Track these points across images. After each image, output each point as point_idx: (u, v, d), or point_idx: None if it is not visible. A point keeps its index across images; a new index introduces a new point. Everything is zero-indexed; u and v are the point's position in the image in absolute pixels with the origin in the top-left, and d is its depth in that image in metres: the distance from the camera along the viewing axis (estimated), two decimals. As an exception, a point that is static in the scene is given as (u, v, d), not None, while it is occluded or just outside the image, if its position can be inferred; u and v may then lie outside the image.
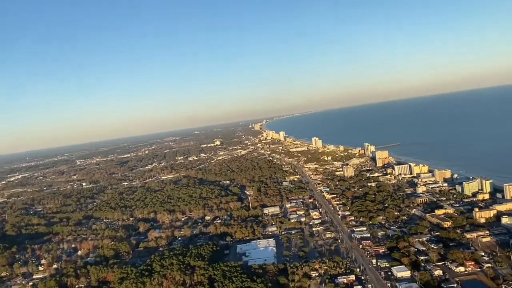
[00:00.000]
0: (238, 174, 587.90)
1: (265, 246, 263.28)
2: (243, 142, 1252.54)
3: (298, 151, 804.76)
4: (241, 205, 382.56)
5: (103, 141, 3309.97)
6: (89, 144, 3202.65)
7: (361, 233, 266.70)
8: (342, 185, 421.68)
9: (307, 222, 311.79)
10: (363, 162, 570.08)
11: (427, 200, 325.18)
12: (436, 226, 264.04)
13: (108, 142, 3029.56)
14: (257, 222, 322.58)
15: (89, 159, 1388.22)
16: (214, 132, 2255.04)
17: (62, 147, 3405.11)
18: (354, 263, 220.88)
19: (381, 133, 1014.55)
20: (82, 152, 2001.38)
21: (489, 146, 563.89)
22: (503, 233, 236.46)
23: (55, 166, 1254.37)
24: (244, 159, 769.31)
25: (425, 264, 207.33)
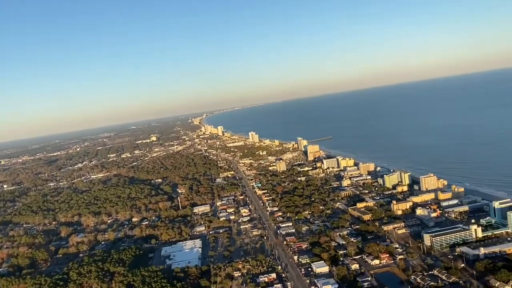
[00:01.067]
0: (171, 171, 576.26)
1: (191, 248, 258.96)
2: (181, 137, 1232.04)
3: (235, 146, 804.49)
4: (171, 205, 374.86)
5: (33, 138, 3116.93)
6: (18, 141, 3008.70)
7: (287, 229, 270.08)
8: (273, 180, 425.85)
9: (236, 220, 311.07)
10: (296, 156, 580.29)
11: (351, 194, 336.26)
12: (357, 219, 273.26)
13: (39, 139, 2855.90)
14: (186, 222, 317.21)
15: (15, 158, 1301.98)
16: (152, 127, 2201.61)
17: None
18: (277, 261, 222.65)
19: (317, 126, 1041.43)
20: (8, 150, 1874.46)
21: (413, 139, 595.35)
22: (417, 224, 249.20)
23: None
24: (180, 155, 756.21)
25: (343, 258, 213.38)
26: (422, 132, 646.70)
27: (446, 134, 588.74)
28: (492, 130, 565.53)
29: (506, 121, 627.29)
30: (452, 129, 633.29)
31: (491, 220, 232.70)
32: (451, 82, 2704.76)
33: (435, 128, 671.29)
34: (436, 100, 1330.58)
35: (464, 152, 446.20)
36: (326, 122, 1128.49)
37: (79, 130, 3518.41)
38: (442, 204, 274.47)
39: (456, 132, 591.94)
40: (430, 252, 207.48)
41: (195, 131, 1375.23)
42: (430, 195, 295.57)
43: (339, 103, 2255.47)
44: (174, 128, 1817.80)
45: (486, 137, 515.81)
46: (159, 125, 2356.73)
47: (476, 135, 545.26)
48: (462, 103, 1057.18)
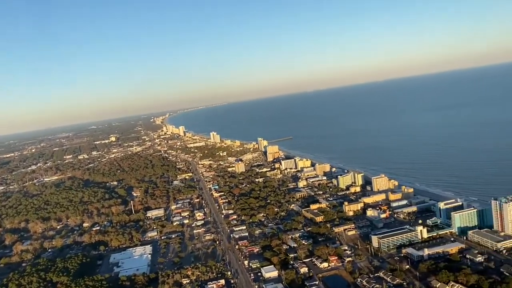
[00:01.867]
0: (128, 173, 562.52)
1: (140, 254, 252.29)
2: (141, 137, 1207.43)
3: (196, 146, 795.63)
4: (124, 209, 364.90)
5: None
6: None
7: (240, 232, 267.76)
8: (231, 182, 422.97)
9: (190, 224, 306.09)
10: (256, 157, 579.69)
11: (306, 195, 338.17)
12: (310, 221, 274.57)
13: (6, 137, 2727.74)
14: (138, 228, 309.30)
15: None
16: (112, 127, 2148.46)
17: None
18: (228, 266, 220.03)
19: (279, 126, 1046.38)
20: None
21: (372, 139, 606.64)
22: (367, 226, 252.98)
23: None
24: (138, 156, 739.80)
25: (293, 262, 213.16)
26: (381, 132, 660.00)
27: (402, 134, 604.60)
28: (444, 130, 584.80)
29: (458, 121, 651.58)
30: (409, 129, 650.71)
31: (437, 220, 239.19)
32: (424, 80, 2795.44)
33: (394, 128, 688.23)
34: (404, 99, 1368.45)
35: (417, 152, 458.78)
36: (289, 122, 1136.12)
37: (36, 130, 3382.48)
38: (392, 205, 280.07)
39: (412, 132, 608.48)
40: (378, 253, 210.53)
41: (157, 131, 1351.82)
42: (381, 196, 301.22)
43: (305, 102, 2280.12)
44: (135, 128, 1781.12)
45: (438, 137, 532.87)
46: (120, 125, 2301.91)
47: (429, 135, 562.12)
48: (426, 102, 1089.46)
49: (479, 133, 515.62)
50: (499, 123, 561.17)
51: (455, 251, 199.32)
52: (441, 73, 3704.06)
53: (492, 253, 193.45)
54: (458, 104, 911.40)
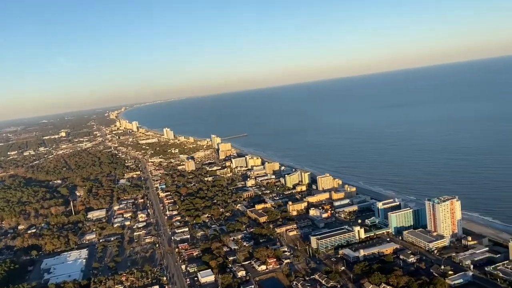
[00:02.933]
0: (74, 171, 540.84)
1: (75, 259, 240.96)
2: (93, 133, 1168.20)
3: (148, 143, 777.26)
4: (65, 210, 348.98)
5: None
6: None
7: (181, 235, 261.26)
8: (179, 181, 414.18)
9: (131, 225, 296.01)
10: (208, 154, 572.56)
11: (253, 194, 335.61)
12: (254, 221, 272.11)
13: None
14: (76, 230, 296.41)
15: None
16: (65, 121, 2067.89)
17: None
18: (164, 271, 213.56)
19: (236, 122, 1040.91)
20: None
21: (325, 136, 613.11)
22: (308, 226, 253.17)
23: None
24: (87, 153, 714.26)
25: (232, 265, 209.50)
26: (335, 129, 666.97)
27: (352, 132, 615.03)
28: (391, 128, 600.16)
29: (408, 119, 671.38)
30: (358, 127, 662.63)
31: (375, 220, 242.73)
32: (390, 76, 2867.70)
33: (346, 125, 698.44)
34: (365, 96, 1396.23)
35: (364, 150, 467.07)
36: (246, 118, 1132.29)
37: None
38: (334, 204, 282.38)
39: (361, 130, 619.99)
40: (316, 255, 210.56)
41: (110, 126, 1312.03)
42: (325, 195, 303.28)
43: (268, 98, 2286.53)
44: (88, 122, 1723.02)
45: (384, 135, 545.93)
46: (73, 119, 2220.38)
47: (377, 133, 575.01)
48: (382, 100, 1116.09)
49: (425, 132, 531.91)
50: (445, 121, 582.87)
51: (390, 251, 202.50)
52: (402, 70, 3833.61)
53: (424, 253, 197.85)
54: (411, 102, 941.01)
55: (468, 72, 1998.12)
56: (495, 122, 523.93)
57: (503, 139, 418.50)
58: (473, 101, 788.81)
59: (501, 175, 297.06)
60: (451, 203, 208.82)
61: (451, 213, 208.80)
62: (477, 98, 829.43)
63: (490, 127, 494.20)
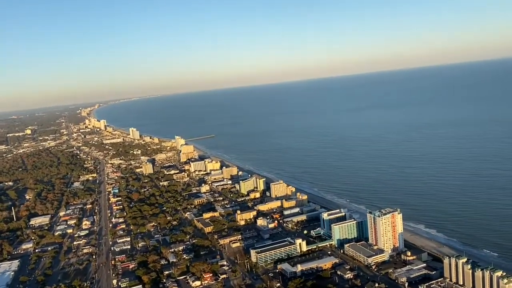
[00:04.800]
0: (29, 172, 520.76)
1: (4, 271, 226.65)
2: (60, 131, 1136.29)
3: (112, 143, 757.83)
4: (8, 215, 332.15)
5: None
6: None
7: (122, 245, 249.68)
8: (134, 185, 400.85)
9: (73, 233, 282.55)
10: (170, 156, 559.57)
11: (205, 201, 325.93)
12: (199, 231, 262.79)
13: None
14: (14, 238, 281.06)
15: None
16: (34, 118, 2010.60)
17: None
18: (93, 286, 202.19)
19: (207, 122, 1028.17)
20: None
21: (291, 139, 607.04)
22: (253, 236, 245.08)
23: None
24: (48, 152, 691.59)
25: (166, 280, 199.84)
26: (304, 133, 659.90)
27: (321, 134, 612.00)
28: (357, 133, 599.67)
29: (378, 122, 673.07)
30: (329, 130, 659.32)
31: (320, 231, 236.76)
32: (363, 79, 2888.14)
33: (319, 128, 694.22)
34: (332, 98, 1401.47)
35: (326, 154, 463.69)
36: (218, 117, 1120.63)
37: None
38: (284, 213, 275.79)
39: (330, 133, 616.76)
40: (254, 269, 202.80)
41: (79, 124, 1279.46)
42: (277, 203, 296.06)
43: (246, 97, 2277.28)
44: (58, 119, 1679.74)
45: (348, 139, 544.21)
46: (43, 116, 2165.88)
47: (343, 137, 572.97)
48: (347, 103, 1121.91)
49: (388, 137, 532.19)
50: (408, 126, 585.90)
51: (328, 266, 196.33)
52: (368, 74, 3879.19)
53: (363, 268, 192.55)
54: (380, 105, 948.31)
55: (435, 76, 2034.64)
56: (456, 128, 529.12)
57: (462, 147, 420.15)
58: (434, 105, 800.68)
59: (451, 185, 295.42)
60: (392, 216, 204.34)
61: (392, 226, 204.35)
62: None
63: (450, 134, 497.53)
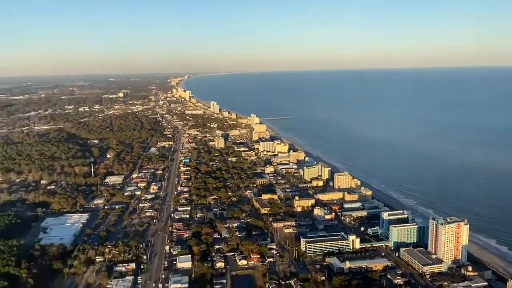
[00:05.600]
0: (114, 133, 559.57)
1: (73, 222, 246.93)
2: (149, 97, 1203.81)
3: (193, 114, 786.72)
4: (89, 170, 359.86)
5: (12, 78, 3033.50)
6: (2, 79, 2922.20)
7: (181, 213, 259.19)
8: (204, 157, 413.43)
9: (140, 196, 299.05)
10: (243, 133, 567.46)
11: (267, 182, 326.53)
12: (256, 211, 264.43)
13: (15, 79, 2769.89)
14: (88, 193, 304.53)
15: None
16: (128, 82, 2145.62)
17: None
18: (149, 249, 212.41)
19: (289, 104, 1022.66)
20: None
21: (367, 130, 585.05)
22: (308, 225, 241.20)
23: None
24: (134, 116, 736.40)
25: (215, 254, 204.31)
26: (386, 125, 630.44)
27: (403, 129, 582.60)
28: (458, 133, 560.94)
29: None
30: (411, 124, 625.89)
31: (378, 230, 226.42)
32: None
33: (398, 121, 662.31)
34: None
35: (408, 151, 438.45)
36: (299, 100, 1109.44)
37: (57, 75, 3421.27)
38: (344, 206, 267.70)
39: (419, 129, 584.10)
40: (302, 258, 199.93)
41: (167, 93, 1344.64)
42: (339, 195, 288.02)
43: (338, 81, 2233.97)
44: (149, 86, 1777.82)
45: (442, 140, 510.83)
46: (137, 81, 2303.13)
47: (434, 135, 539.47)
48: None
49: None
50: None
51: (379, 268, 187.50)
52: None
53: (416, 276, 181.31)
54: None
55: None
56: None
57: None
58: None
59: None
60: (457, 226, 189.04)
61: (455, 237, 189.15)
62: None
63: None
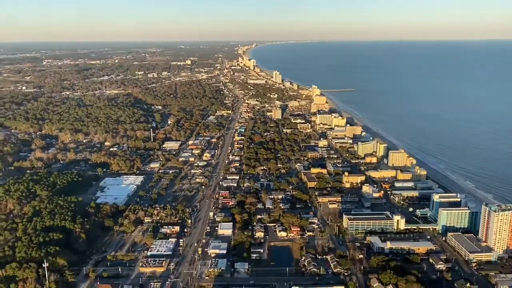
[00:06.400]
0: (177, 100, 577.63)
1: (129, 183, 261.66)
2: (215, 65, 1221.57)
3: (255, 83, 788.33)
4: (148, 135, 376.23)
5: (100, 42, 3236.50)
6: (76, 43, 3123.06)
7: (229, 182, 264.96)
8: (259, 127, 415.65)
9: (193, 162, 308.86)
10: (303, 105, 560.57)
11: (318, 156, 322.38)
12: (303, 184, 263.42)
13: (95, 44, 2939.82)
14: (146, 156, 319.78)
15: (59, 60, 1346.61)
16: (198, 49, 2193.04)
17: (59, 42, 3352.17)
18: (194, 214, 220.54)
19: (353, 74, 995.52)
20: (58, 51, 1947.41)
21: (430, 105, 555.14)
22: (354, 202, 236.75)
23: (20, 63, 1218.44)
24: (198, 84, 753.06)
25: (256, 223, 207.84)
26: (457, 101, 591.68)
27: (467, 106, 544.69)
28: None
29: None
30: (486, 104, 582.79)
31: (427, 212, 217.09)
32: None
33: (463, 98, 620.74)
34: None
35: (473, 131, 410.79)
36: (364, 72, 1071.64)
37: (133, 41, 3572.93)
38: (395, 185, 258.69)
39: (488, 110, 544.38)
40: (342, 235, 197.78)
41: (232, 61, 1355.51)
42: (391, 173, 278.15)
43: (406, 52, 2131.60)
44: (217, 54, 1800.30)
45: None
46: (205, 48, 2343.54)
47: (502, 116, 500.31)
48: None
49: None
50: None
51: (422, 251, 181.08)
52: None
53: (461, 263, 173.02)
54: None
55: None
56: None
57: None
58: None
59: None
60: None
61: (510, 225, 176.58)
62: None
63: None
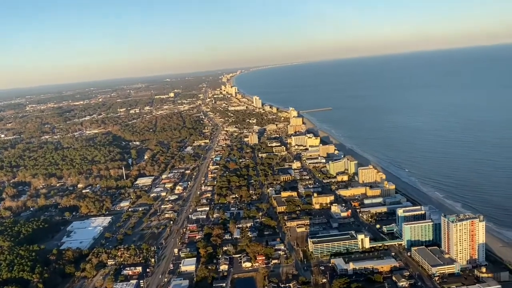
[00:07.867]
0: (156, 134, 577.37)
1: (96, 226, 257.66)
2: (198, 95, 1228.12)
3: (236, 110, 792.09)
4: (122, 173, 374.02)
5: (85, 83, 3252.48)
6: (61, 85, 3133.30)
7: (199, 214, 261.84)
8: (235, 154, 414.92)
9: (164, 197, 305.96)
10: (280, 128, 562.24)
11: (291, 179, 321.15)
12: (273, 209, 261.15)
13: (91, 83, 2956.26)
14: (117, 195, 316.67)
15: (43, 105, 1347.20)
16: (183, 81, 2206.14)
17: (45, 85, 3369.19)
18: (159, 252, 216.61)
19: (331, 93, 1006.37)
20: (44, 95, 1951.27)
21: (411, 119, 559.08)
22: (322, 223, 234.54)
23: (2, 111, 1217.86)
24: (178, 116, 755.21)
25: (221, 256, 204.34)
26: (431, 111, 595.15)
27: (450, 115, 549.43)
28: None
29: None
30: (461, 110, 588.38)
31: (394, 228, 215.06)
32: None
33: (433, 108, 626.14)
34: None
35: (444, 140, 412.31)
36: (342, 89, 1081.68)
37: (119, 78, 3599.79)
38: (364, 202, 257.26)
39: (460, 116, 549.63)
40: (305, 260, 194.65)
41: (215, 90, 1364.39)
42: (361, 190, 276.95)
43: (381, 67, 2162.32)
44: (201, 84, 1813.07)
45: (485, 127, 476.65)
46: (190, 80, 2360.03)
47: (478, 122, 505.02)
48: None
49: None
50: None
51: (385, 269, 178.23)
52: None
53: (424, 277, 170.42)
54: None
55: None
56: None
57: None
58: None
59: None
60: (471, 223, 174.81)
61: (470, 235, 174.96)
62: None
63: None
